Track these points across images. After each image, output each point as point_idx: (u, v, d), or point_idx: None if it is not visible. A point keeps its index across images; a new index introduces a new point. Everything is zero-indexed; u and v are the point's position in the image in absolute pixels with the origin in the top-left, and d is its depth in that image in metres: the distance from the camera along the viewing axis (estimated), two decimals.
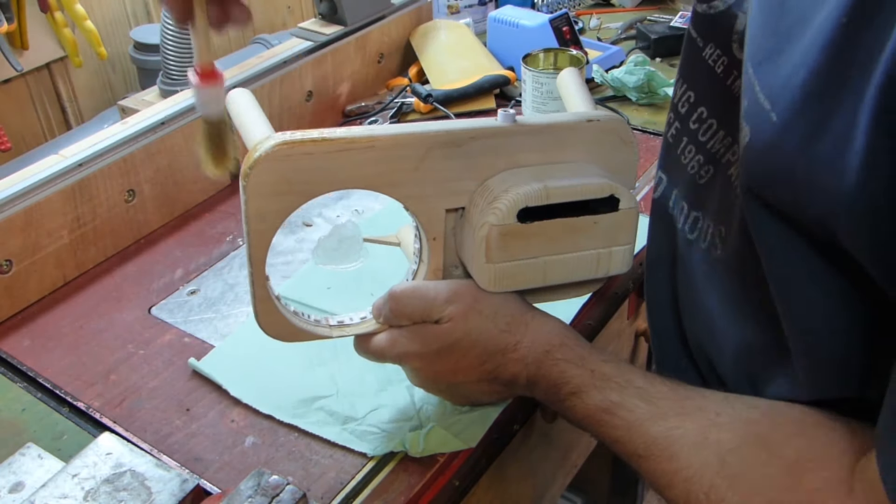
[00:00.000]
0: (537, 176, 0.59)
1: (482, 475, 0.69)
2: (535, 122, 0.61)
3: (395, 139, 0.56)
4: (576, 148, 0.61)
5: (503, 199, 0.57)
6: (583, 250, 0.61)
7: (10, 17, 1.01)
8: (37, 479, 0.62)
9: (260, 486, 0.56)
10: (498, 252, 0.58)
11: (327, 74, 1.13)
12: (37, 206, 0.83)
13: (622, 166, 0.63)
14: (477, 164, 0.59)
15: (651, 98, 1.17)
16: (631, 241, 0.62)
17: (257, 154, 0.54)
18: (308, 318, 0.64)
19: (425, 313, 0.60)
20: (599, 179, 0.59)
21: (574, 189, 0.58)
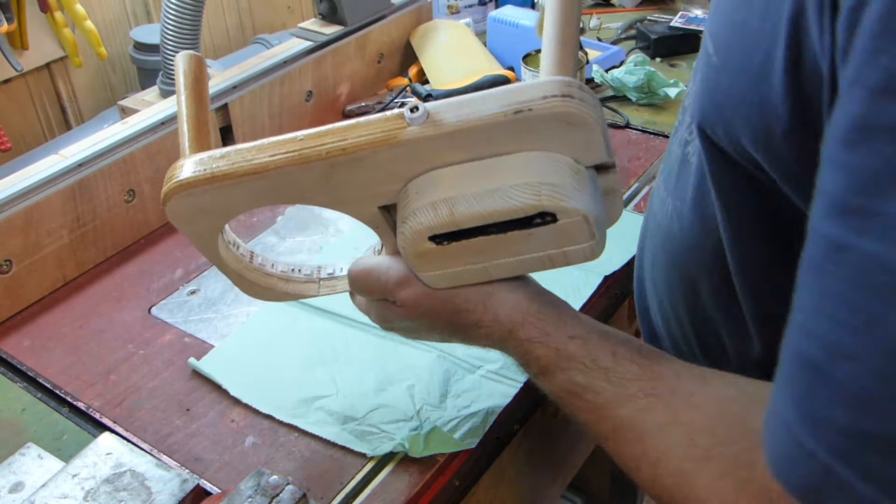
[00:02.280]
0: (451, 189, 0.50)
1: (482, 475, 0.69)
2: (446, 125, 0.49)
3: (285, 166, 0.51)
4: (510, 140, 0.50)
5: (408, 224, 0.51)
6: (526, 254, 0.53)
7: (10, 17, 1.01)
8: (37, 479, 0.62)
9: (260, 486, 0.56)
10: (423, 266, 0.53)
11: (327, 74, 1.13)
12: (37, 206, 0.83)
13: (582, 145, 0.50)
14: (390, 170, 0.52)
15: (651, 98, 1.17)
16: (588, 239, 0.51)
17: (163, 191, 0.53)
18: (298, 275, 0.63)
19: (380, 294, 0.59)
20: (521, 198, 0.49)
21: (487, 214, 0.49)
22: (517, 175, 0.49)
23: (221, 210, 0.55)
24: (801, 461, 0.38)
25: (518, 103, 0.48)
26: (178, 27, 0.98)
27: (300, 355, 0.76)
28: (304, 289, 0.64)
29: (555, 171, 0.49)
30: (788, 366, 0.38)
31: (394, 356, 0.76)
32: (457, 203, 0.50)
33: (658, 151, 1.06)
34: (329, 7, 1.14)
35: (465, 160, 0.51)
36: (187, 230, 0.57)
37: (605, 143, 0.51)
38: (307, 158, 0.51)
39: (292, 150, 0.51)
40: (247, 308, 0.84)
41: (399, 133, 0.49)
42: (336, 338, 0.78)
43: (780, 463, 0.39)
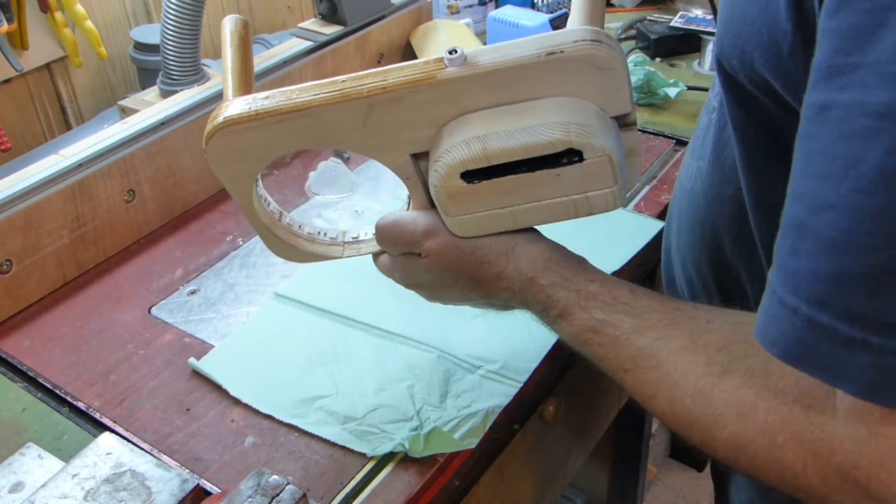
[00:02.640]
0: (484, 128, 0.53)
1: (482, 475, 0.69)
2: (482, 66, 0.52)
3: (328, 105, 0.54)
4: (543, 84, 0.53)
5: (441, 161, 0.53)
6: (552, 198, 0.55)
7: (10, 17, 1.01)
8: (37, 479, 0.62)
9: (260, 486, 0.57)
10: (453, 208, 0.56)
11: (327, 74, 1.13)
12: (37, 206, 0.83)
13: (607, 91, 0.53)
14: (426, 113, 0.54)
15: (651, 98, 1.17)
16: (611, 184, 0.54)
17: (208, 129, 0.55)
18: (323, 238, 0.65)
19: (406, 247, 0.61)
20: (551, 133, 0.52)
21: (519, 148, 0.52)
22: (547, 115, 0.52)
23: (261, 151, 0.57)
24: (783, 319, 0.39)
25: (551, 46, 0.51)
26: (178, 27, 0.98)
27: (300, 355, 0.76)
28: (328, 250, 0.65)
29: (583, 112, 0.52)
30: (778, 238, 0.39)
31: (394, 356, 0.76)
32: (489, 139, 0.52)
33: (658, 151, 1.06)
34: (329, 7, 1.14)
35: (498, 104, 0.53)
36: (225, 174, 0.58)
37: (629, 92, 0.54)
38: (348, 97, 0.53)
39: (334, 89, 0.54)
40: (247, 308, 0.84)
41: (438, 73, 0.52)
42: (336, 338, 0.78)
43: (764, 328, 0.41)
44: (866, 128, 0.34)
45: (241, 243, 0.93)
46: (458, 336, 0.78)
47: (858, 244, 0.35)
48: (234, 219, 0.98)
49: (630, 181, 0.60)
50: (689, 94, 1.18)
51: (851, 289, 0.36)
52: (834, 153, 0.36)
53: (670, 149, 1.07)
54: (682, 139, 1.08)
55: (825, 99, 0.36)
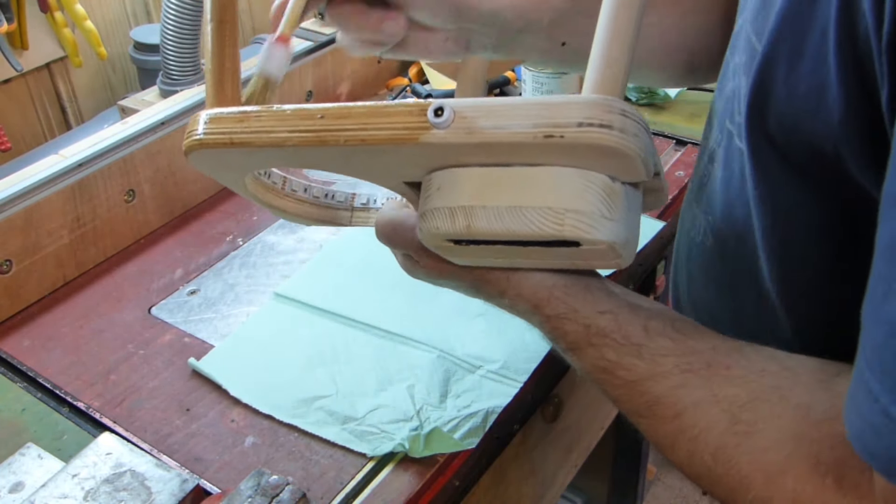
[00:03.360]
0: (472, 197, 0.47)
1: (482, 475, 0.69)
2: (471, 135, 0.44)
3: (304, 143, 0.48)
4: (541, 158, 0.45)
5: (425, 224, 0.48)
6: (548, 261, 0.51)
7: (10, 17, 1.01)
8: (37, 479, 0.62)
9: (260, 486, 0.57)
10: (443, 254, 0.52)
11: (327, 74, 1.13)
12: (37, 206, 0.83)
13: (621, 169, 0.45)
14: (412, 161, 0.48)
15: (651, 98, 1.17)
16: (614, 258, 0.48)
17: (184, 142, 0.52)
18: (331, 201, 0.62)
19: (403, 249, 0.57)
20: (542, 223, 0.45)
21: (504, 233, 0.46)
22: (542, 195, 0.45)
23: (243, 166, 0.55)
24: (888, 434, 0.36)
25: (550, 126, 0.43)
26: (178, 27, 0.98)
27: (300, 355, 0.76)
28: (335, 215, 0.62)
29: (583, 194, 0.45)
30: (875, 337, 0.36)
31: (394, 356, 0.76)
32: (475, 215, 0.47)
33: (658, 151, 1.06)
34: None
35: (492, 164, 0.47)
36: (213, 175, 0.57)
37: (647, 167, 0.45)
38: (324, 141, 0.48)
39: (311, 129, 0.48)
40: (247, 308, 0.84)
41: (421, 134, 0.45)
42: (336, 338, 0.78)
43: (866, 436, 0.38)
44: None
45: (241, 243, 0.93)
46: (458, 336, 0.78)
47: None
48: (234, 219, 0.98)
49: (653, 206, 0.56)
50: (689, 94, 1.18)
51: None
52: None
53: (670, 148, 1.07)
54: (682, 139, 1.08)
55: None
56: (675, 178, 1.01)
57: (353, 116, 0.47)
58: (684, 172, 1.02)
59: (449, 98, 0.46)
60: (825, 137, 0.42)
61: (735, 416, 0.45)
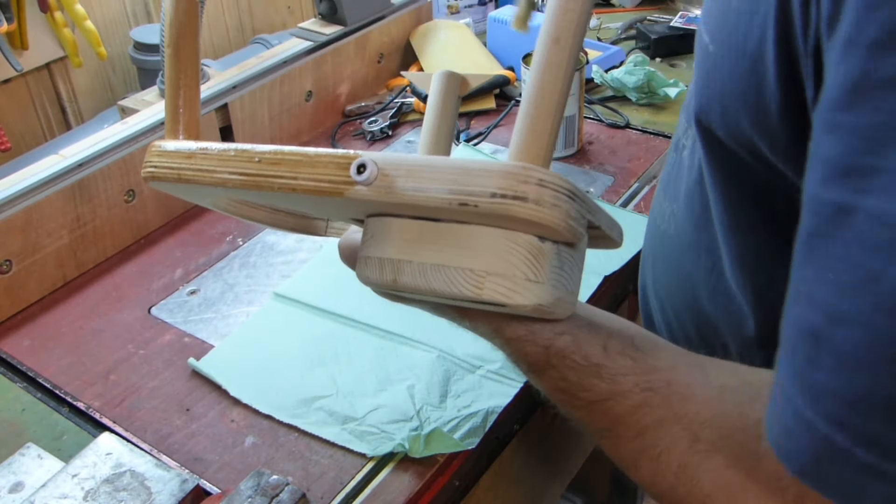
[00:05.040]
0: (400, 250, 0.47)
1: (482, 475, 0.69)
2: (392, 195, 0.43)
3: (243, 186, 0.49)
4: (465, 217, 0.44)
5: (360, 270, 0.49)
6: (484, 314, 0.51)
7: (10, 17, 1.01)
8: (37, 479, 0.62)
9: (260, 486, 0.57)
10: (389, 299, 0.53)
11: (327, 74, 1.13)
12: (37, 206, 0.83)
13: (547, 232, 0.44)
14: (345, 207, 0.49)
15: (651, 98, 1.17)
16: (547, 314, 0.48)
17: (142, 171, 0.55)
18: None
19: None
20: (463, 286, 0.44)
21: (428, 292, 0.46)
22: (465, 256, 0.45)
23: (200, 194, 0.56)
24: (800, 434, 0.37)
25: (465, 195, 0.42)
26: None
27: (300, 355, 0.76)
28: (310, 225, 0.62)
29: (506, 256, 0.44)
30: (790, 340, 0.37)
31: (394, 356, 0.76)
32: (402, 271, 0.46)
33: (658, 151, 1.06)
34: (329, 7, 1.14)
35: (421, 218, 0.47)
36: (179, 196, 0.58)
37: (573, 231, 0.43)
38: (260, 186, 0.48)
39: (249, 172, 0.49)
40: (247, 308, 0.84)
41: (345, 189, 0.45)
42: (336, 338, 0.78)
43: (780, 438, 0.39)
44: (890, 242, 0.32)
45: (241, 243, 0.93)
46: (458, 336, 0.77)
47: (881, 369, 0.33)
48: (234, 219, 0.98)
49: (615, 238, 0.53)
50: None
51: (870, 413, 0.34)
52: (855, 263, 0.33)
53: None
54: None
55: (843, 201, 0.34)
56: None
57: (285, 164, 0.47)
58: None
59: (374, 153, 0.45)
60: (762, 133, 0.43)
61: (696, 434, 0.45)
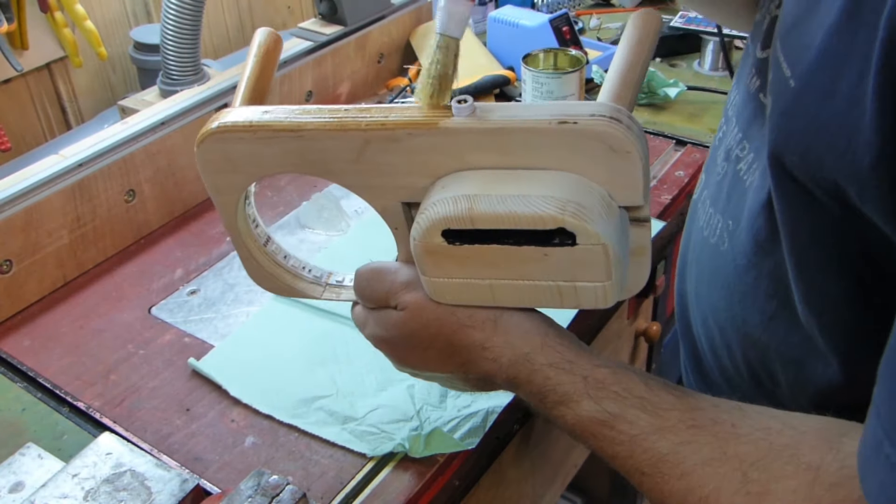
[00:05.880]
0: (477, 187, 0.49)
1: (482, 475, 0.69)
2: (489, 122, 0.48)
3: (322, 131, 0.51)
4: (549, 153, 0.48)
5: (425, 213, 0.49)
6: (537, 280, 0.51)
7: (10, 17, 1.01)
8: (37, 479, 0.62)
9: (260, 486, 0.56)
10: (430, 267, 0.52)
11: (327, 74, 1.13)
12: (37, 206, 0.83)
13: (620, 177, 0.48)
14: (423, 161, 0.51)
15: (651, 98, 1.17)
16: (605, 279, 0.49)
17: (201, 131, 0.54)
18: (307, 274, 0.63)
19: (383, 298, 0.57)
20: (544, 207, 0.47)
21: (506, 216, 0.47)
22: (546, 188, 0.48)
23: (250, 166, 0.55)
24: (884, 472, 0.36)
25: (565, 114, 0.47)
26: (178, 27, 0.98)
27: (300, 355, 0.76)
28: (308, 288, 0.63)
29: (586, 193, 0.48)
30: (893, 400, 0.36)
31: None
32: (478, 200, 0.48)
33: (658, 151, 1.06)
34: (329, 7, 1.14)
35: (500, 166, 0.49)
36: (212, 182, 0.57)
37: (644, 182, 0.49)
38: (345, 126, 0.51)
39: (334, 116, 0.51)
40: (247, 308, 0.84)
41: (441, 120, 0.49)
42: (336, 338, 0.78)
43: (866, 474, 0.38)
44: None
45: None
46: None
47: None
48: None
49: (633, 282, 0.55)
50: (689, 94, 1.18)
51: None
52: None
53: (670, 148, 1.07)
54: (682, 139, 1.08)
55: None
56: (675, 178, 1.01)
57: (377, 109, 0.51)
58: (684, 172, 1.02)
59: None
60: (850, 178, 0.41)
61: (746, 475, 0.44)
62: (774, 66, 0.47)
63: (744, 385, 0.59)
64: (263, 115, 0.53)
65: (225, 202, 0.58)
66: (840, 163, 0.41)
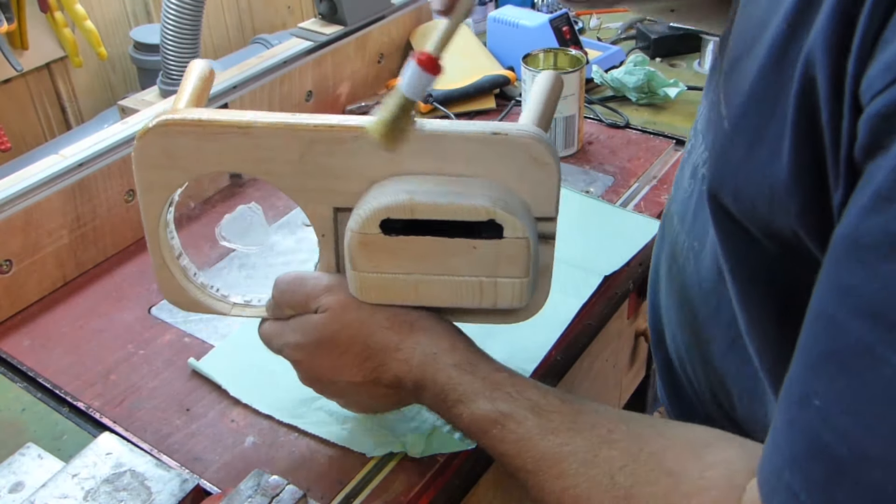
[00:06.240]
0: (416, 185, 0.54)
1: (482, 475, 0.69)
2: (427, 130, 0.54)
3: (271, 129, 0.54)
4: (480, 162, 0.54)
5: (365, 205, 0.54)
6: (460, 275, 0.55)
7: (10, 17, 1.01)
8: (37, 479, 0.62)
9: (260, 486, 0.56)
10: (362, 261, 0.55)
11: (327, 74, 1.13)
12: (37, 206, 0.83)
13: (538, 189, 0.55)
14: (362, 164, 0.55)
15: (651, 98, 1.17)
16: (524, 274, 0.55)
17: (146, 125, 0.55)
18: (214, 292, 0.65)
19: (304, 302, 0.59)
20: (478, 201, 0.52)
21: (444, 207, 0.53)
22: (479, 188, 0.54)
23: (190, 162, 0.57)
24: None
25: (497, 128, 0.54)
26: (178, 27, 0.98)
27: None
28: (216, 305, 0.65)
29: (512, 196, 0.54)
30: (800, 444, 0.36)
31: None
32: (418, 193, 0.53)
33: (658, 151, 1.06)
34: (329, 7, 1.14)
35: (431, 173, 0.55)
36: (146, 177, 0.58)
37: (557, 196, 0.55)
38: (293, 127, 0.54)
39: (281, 118, 0.55)
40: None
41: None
42: None
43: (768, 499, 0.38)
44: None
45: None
46: None
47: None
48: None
49: (535, 302, 0.60)
50: (689, 94, 1.18)
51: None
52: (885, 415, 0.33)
53: (670, 148, 1.07)
54: (682, 139, 1.08)
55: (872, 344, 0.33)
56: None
57: (321, 117, 0.55)
58: None
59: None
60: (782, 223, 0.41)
61: (614, 478, 0.47)
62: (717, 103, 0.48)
63: (707, 404, 0.59)
64: (212, 113, 0.55)
65: (153, 201, 0.59)
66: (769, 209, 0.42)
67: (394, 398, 0.60)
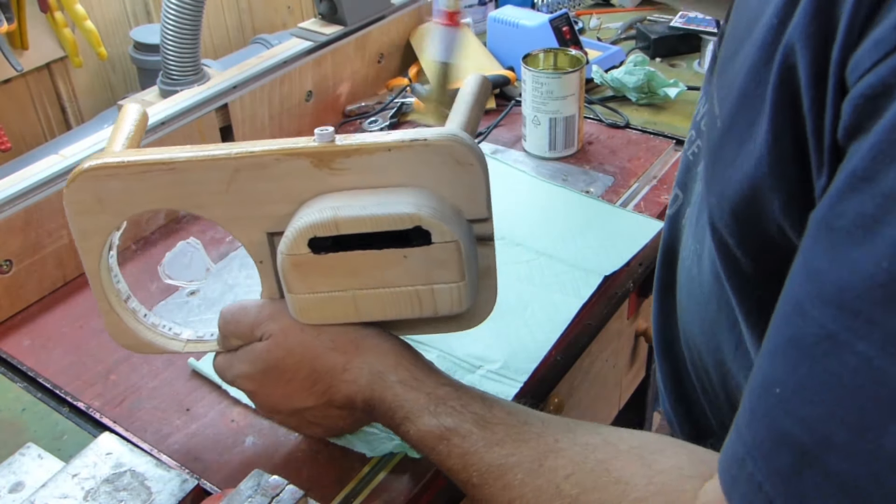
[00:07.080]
0: (340, 201, 0.54)
1: None
2: (345, 144, 0.54)
3: (194, 163, 0.55)
4: (405, 171, 0.54)
5: (292, 226, 0.54)
6: (395, 286, 0.55)
7: (10, 17, 1.01)
8: (37, 479, 0.62)
9: (260, 486, 0.56)
10: (297, 283, 0.55)
11: (327, 74, 1.13)
12: (37, 206, 0.83)
13: (467, 191, 0.55)
14: (289, 186, 0.55)
15: (651, 98, 1.17)
16: (459, 278, 0.55)
17: (73, 173, 0.56)
18: (166, 331, 0.65)
19: (249, 332, 0.60)
20: (402, 209, 0.52)
21: (369, 219, 0.52)
22: (404, 196, 0.53)
23: (120, 204, 0.57)
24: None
25: (416, 135, 0.53)
26: (178, 27, 0.98)
27: None
28: (168, 344, 0.65)
29: (438, 201, 0.54)
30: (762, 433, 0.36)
31: None
32: (342, 208, 0.53)
33: (658, 151, 1.06)
34: (329, 7, 1.14)
35: (358, 187, 0.55)
36: (79, 225, 0.58)
37: (486, 196, 0.55)
38: (215, 158, 0.55)
39: (204, 151, 0.55)
40: None
41: (304, 147, 0.54)
42: None
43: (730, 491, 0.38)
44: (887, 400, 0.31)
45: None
46: (458, 336, 0.77)
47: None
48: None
49: (482, 307, 0.60)
50: (689, 94, 1.18)
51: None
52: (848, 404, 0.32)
53: (670, 148, 1.07)
54: (682, 139, 1.08)
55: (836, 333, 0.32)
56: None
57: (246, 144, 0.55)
58: None
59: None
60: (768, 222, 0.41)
61: (559, 487, 0.46)
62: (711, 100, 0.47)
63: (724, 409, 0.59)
64: (136, 155, 0.56)
65: (90, 247, 0.59)
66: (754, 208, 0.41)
67: (349, 419, 0.61)
